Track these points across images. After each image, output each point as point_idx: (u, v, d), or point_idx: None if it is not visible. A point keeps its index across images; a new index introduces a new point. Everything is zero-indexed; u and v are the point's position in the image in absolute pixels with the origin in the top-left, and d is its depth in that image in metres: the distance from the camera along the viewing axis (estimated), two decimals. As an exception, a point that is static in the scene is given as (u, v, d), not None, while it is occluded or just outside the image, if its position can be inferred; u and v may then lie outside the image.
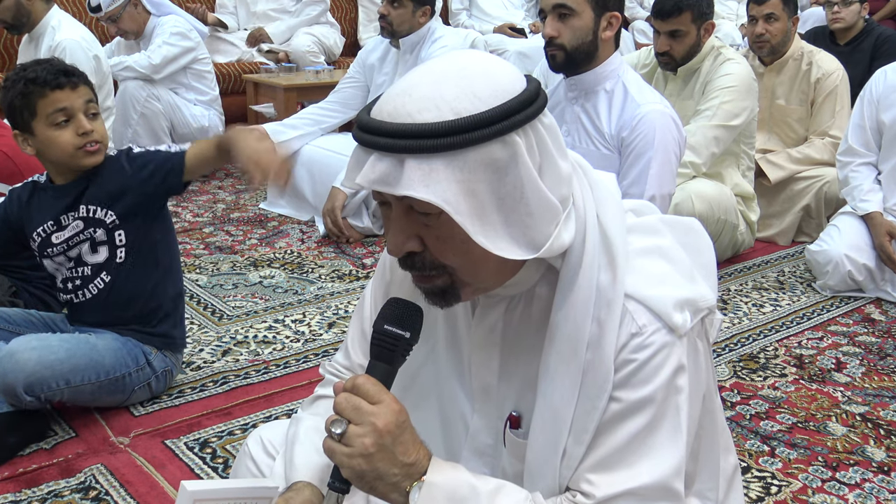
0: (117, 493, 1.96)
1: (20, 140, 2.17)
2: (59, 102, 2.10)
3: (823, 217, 3.76)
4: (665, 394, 1.05)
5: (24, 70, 2.13)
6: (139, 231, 2.24)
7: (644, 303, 1.06)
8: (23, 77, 2.11)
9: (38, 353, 2.07)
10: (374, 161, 0.98)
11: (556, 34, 2.50)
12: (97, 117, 2.17)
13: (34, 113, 2.11)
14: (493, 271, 1.07)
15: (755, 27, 3.80)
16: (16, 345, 2.08)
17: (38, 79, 2.09)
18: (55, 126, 2.12)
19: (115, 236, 2.22)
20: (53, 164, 2.20)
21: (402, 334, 1.06)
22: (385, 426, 0.99)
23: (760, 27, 3.78)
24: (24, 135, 2.16)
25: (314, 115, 4.16)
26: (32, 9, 3.95)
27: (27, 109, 2.11)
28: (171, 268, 2.35)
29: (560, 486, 1.10)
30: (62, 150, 2.13)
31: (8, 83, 2.14)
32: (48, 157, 2.18)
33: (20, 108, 2.12)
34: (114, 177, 2.20)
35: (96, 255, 2.23)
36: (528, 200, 1.00)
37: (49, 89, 2.09)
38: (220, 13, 5.77)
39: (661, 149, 2.48)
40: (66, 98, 2.11)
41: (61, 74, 2.11)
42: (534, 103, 1.00)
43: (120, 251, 2.24)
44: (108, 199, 2.20)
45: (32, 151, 2.18)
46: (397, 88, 1.00)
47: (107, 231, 2.22)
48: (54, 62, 2.15)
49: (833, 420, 2.35)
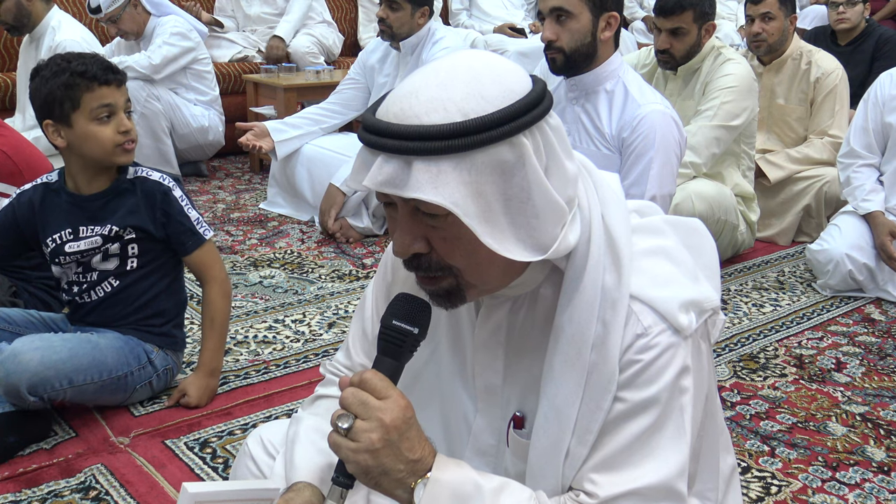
0: (117, 493, 1.96)
1: (51, 131, 2.15)
2: (105, 98, 2.12)
3: (823, 217, 3.77)
4: (670, 394, 1.05)
5: (69, 62, 2.11)
6: (153, 246, 2.27)
7: (649, 304, 1.06)
8: (68, 69, 2.10)
9: (41, 353, 2.07)
10: (381, 163, 0.97)
11: (554, 37, 2.50)
12: (131, 116, 2.21)
13: (77, 105, 2.11)
14: (499, 272, 1.07)
15: (752, 26, 3.81)
16: (19, 345, 2.08)
17: (87, 72, 2.10)
18: (97, 121, 2.12)
19: (129, 249, 2.25)
20: (85, 158, 2.18)
21: (411, 330, 1.05)
22: (392, 422, 0.99)
23: (757, 26, 3.79)
24: (59, 126, 2.14)
25: (315, 115, 4.16)
26: (33, 10, 3.95)
27: (70, 101, 2.11)
28: (178, 277, 2.38)
29: (563, 486, 1.10)
30: (101, 145, 2.14)
31: (48, 73, 2.12)
32: (82, 151, 2.17)
33: (61, 99, 2.11)
34: (140, 210, 2.22)
35: (107, 262, 2.25)
36: (535, 202, 1.00)
37: (98, 84, 2.11)
38: (219, 16, 5.78)
39: (662, 149, 2.48)
40: (112, 95, 2.13)
41: (110, 71, 2.13)
42: (540, 104, 1.00)
43: (131, 261, 2.26)
44: (127, 223, 2.22)
45: (63, 143, 2.16)
46: (403, 89, 1.00)
47: (121, 245, 2.24)
48: (98, 58, 2.16)
49: (833, 420, 2.35)
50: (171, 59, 4.57)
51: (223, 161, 5.33)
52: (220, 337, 2.36)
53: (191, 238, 2.27)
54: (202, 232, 2.28)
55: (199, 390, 2.32)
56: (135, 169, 2.25)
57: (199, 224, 2.28)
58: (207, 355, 2.34)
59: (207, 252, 2.31)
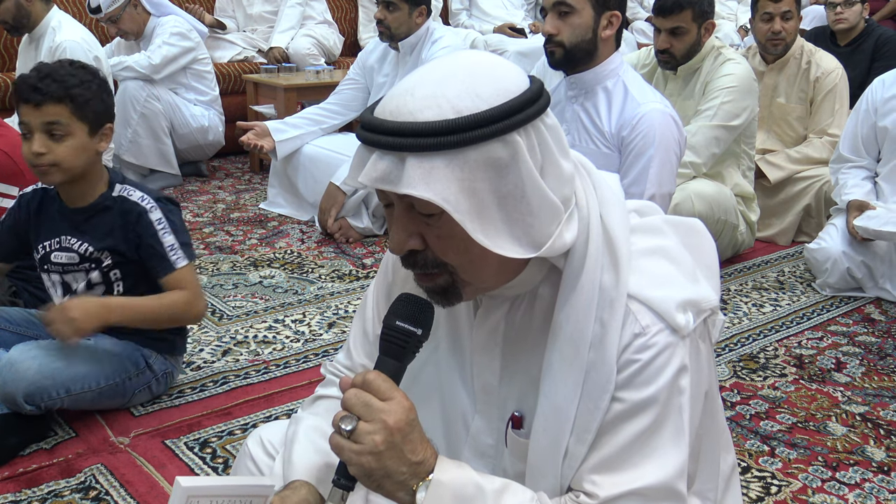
0: (117, 493, 1.96)
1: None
2: (24, 116, 2.05)
3: (823, 217, 3.76)
4: (668, 394, 1.05)
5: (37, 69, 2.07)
6: (134, 268, 2.20)
7: (647, 303, 1.06)
8: (21, 77, 2.07)
9: (38, 362, 2.05)
10: (375, 159, 0.98)
11: (555, 31, 2.51)
12: (64, 139, 2.05)
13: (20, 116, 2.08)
14: (494, 271, 1.07)
15: (772, 25, 3.78)
16: (16, 354, 2.07)
17: (20, 86, 2.04)
18: (23, 137, 2.08)
19: (111, 275, 2.19)
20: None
21: (414, 331, 1.05)
22: (396, 424, 0.99)
23: (778, 25, 3.78)
24: None
25: (315, 115, 4.16)
26: (32, 10, 3.94)
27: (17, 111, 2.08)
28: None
29: (562, 486, 1.10)
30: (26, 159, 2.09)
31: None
32: None
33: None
34: (115, 231, 2.15)
35: (92, 291, 2.19)
36: (530, 200, 1.00)
37: (21, 100, 2.04)
38: (220, 17, 5.78)
39: (662, 148, 2.48)
40: (28, 114, 2.04)
41: (33, 90, 2.02)
42: (535, 103, 1.00)
43: (117, 286, 2.20)
44: (104, 245, 2.16)
45: None
46: (401, 87, 1.00)
47: (102, 273, 2.18)
48: (46, 71, 2.05)
49: (833, 420, 2.35)
50: (170, 59, 4.57)
51: (223, 161, 5.33)
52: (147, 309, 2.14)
53: (160, 263, 2.14)
54: (174, 259, 2.14)
55: (82, 305, 2.04)
56: (121, 186, 2.18)
57: (172, 251, 2.14)
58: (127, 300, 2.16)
59: (179, 280, 2.15)
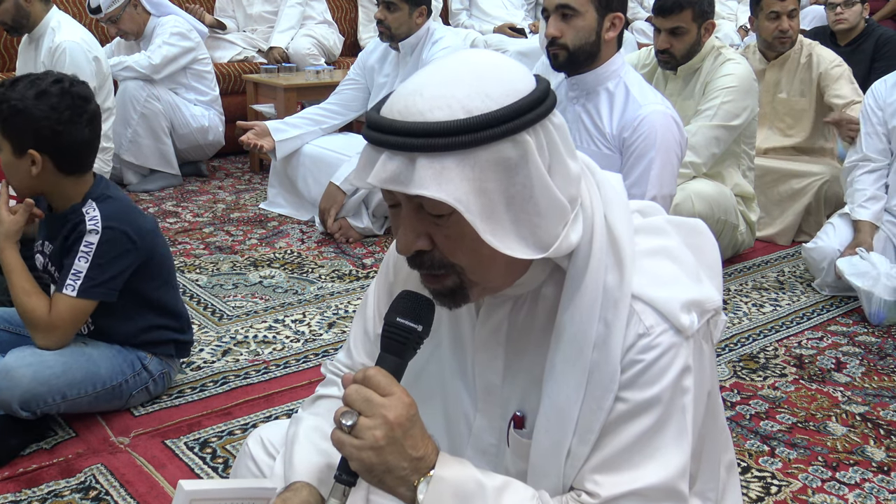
0: (117, 493, 1.96)
1: None
2: None
3: (823, 216, 3.76)
4: (671, 395, 1.05)
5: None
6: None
7: (651, 304, 1.06)
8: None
9: (33, 369, 2.04)
10: (385, 160, 0.97)
11: (559, 34, 2.50)
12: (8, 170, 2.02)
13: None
14: (501, 271, 1.07)
15: (779, 23, 3.81)
16: (11, 360, 2.06)
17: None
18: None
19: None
20: None
21: (415, 327, 1.05)
22: (396, 419, 0.99)
23: (785, 23, 3.80)
24: None
25: (315, 115, 4.16)
26: (32, 10, 3.94)
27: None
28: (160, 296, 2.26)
29: (564, 486, 1.10)
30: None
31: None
32: None
33: None
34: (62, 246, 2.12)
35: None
36: (538, 200, 1.00)
37: None
38: (220, 17, 5.78)
39: (663, 150, 2.48)
40: None
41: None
42: (544, 103, 1.00)
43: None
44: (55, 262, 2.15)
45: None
46: (408, 87, 1.00)
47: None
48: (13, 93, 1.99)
49: (833, 420, 2.35)
50: (170, 59, 4.57)
51: (223, 161, 5.33)
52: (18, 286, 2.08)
53: (60, 278, 2.09)
54: (66, 283, 2.06)
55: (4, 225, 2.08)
56: (91, 203, 2.11)
57: (74, 276, 2.06)
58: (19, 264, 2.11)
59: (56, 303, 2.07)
